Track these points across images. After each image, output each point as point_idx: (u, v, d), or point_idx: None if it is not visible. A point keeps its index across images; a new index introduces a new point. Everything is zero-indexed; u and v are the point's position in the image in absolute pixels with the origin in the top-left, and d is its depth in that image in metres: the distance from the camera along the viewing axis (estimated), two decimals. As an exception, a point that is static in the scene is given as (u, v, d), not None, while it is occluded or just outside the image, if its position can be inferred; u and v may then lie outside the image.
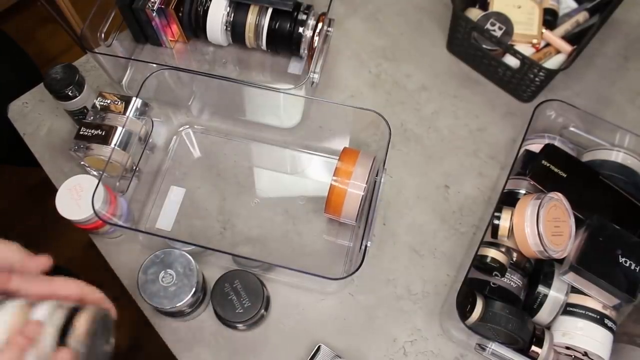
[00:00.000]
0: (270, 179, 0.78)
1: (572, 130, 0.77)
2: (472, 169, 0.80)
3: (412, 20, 0.92)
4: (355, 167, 0.66)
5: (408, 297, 0.71)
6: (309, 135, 0.80)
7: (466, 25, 0.80)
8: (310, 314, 0.70)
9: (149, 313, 0.69)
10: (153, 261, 0.63)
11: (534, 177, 0.70)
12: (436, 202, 0.77)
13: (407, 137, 0.82)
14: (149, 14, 0.79)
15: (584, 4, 0.85)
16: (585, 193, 0.70)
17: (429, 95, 0.85)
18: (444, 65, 0.88)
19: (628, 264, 0.63)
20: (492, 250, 0.65)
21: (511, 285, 0.66)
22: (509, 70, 0.81)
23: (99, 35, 0.79)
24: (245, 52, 0.86)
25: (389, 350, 0.68)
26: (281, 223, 0.74)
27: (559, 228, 0.65)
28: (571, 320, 0.65)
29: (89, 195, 0.63)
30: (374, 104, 0.84)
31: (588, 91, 0.86)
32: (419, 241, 0.75)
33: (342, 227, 0.74)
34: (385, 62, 0.88)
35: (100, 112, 0.72)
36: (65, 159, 0.78)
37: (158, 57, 0.85)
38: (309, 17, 0.78)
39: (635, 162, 0.73)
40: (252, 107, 0.79)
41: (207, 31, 0.80)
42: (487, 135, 0.82)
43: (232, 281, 0.64)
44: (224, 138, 0.80)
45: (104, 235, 0.72)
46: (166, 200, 0.75)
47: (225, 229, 0.74)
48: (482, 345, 0.62)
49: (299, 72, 0.84)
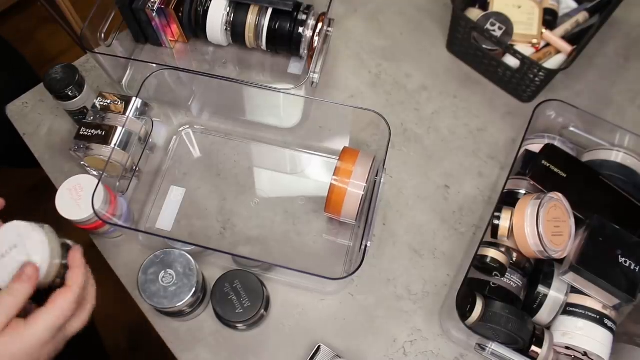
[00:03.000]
0: (270, 179, 0.78)
1: (572, 130, 0.77)
2: (472, 169, 0.80)
3: (412, 20, 0.92)
4: (355, 166, 0.66)
5: (408, 297, 0.71)
6: (309, 135, 0.80)
7: (466, 25, 0.80)
8: (310, 314, 0.70)
9: (149, 313, 0.69)
10: (153, 261, 0.63)
11: (534, 177, 0.70)
12: (436, 202, 0.77)
13: (407, 137, 0.82)
14: (149, 14, 0.79)
15: (584, 4, 0.85)
16: (585, 193, 0.70)
17: (429, 95, 0.85)
18: (444, 65, 0.88)
19: (628, 264, 0.63)
20: (492, 250, 0.65)
21: (511, 285, 0.66)
22: (509, 70, 0.81)
23: (99, 35, 0.79)
24: (245, 52, 0.86)
25: (389, 350, 0.68)
26: (281, 223, 0.74)
27: (559, 228, 0.65)
28: (571, 320, 0.65)
29: (89, 195, 0.63)
30: (374, 104, 0.84)
31: (588, 91, 0.86)
32: (419, 241, 0.75)
33: (342, 227, 0.74)
34: (385, 62, 0.88)
35: (100, 112, 0.72)
36: (65, 159, 0.78)
37: (158, 57, 0.85)
38: (309, 17, 0.78)
39: (635, 162, 0.73)
40: (252, 107, 0.79)
41: (207, 31, 0.80)
42: (487, 135, 0.82)
43: (232, 281, 0.64)
44: (224, 138, 0.80)
45: (104, 235, 0.72)
46: (166, 200, 0.75)
47: (225, 229, 0.74)
48: (482, 345, 0.62)
49: (299, 72, 0.84)
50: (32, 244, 0.49)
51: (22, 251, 0.49)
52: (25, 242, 0.49)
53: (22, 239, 0.49)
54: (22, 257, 0.49)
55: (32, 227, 0.50)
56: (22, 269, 0.48)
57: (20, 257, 0.49)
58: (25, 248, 0.49)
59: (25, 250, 0.49)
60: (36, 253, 0.49)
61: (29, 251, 0.49)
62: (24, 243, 0.49)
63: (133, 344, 1.31)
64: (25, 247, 0.49)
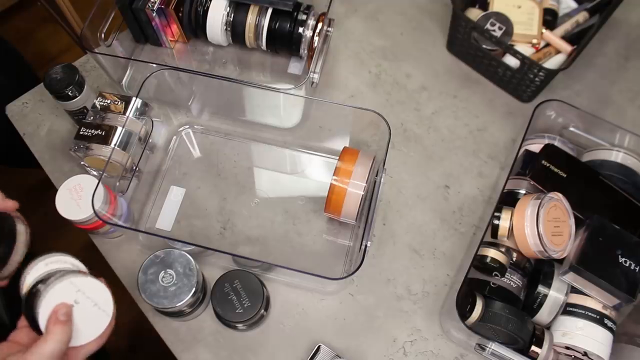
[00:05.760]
0: (270, 179, 0.78)
1: (572, 130, 0.77)
2: (472, 169, 0.80)
3: (412, 20, 0.92)
4: (355, 166, 0.66)
5: (408, 297, 0.71)
6: (309, 135, 0.80)
7: (466, 25, 0.80)
8: (310, 314, 0.70)
9: (149, 313, 0.69)
10: (153, 261, 0.63)
11: (534, 177, 0.70)
12: (436, 202, 0.77)
13: (407, 137, 0.82)
14: (149, 14, 0.79)
15: (584, 4, 0.85)
16: (585, 193, 0.70)
17: (429, 95, 0.85)
18: (444, 65, 0.88)
19: (628, 264, 0.63)
20: (492, 250, 0.65)
21: (511, 285, 0.66)
22: (509, 70, 0.81)
23: (99, 35, 0.79)
24: (245, 52, 0.86)
25: (389, 350, 0.68)
26: (281, 223, 0.74)
27: (559, 228, 0.65)
28: (571, 320, 0.65)
29: (89, 195, 0.63)
30: (374, 104, 0.84)
31: (588, 91, 0.86)
32: (419, 241, 0.75)
33: (342, 227, 0.74)
34: (385, 62, 0.88)
35: (100, 112, 0.72)
36: (65, 159, 0.78)
37: (158, 57, 0.85)
38: (309, 17, 0.78)
39: (635, 162, 0.73)
40: (252, 107, 0.79)
41: (207, 31, 0.80)
42: (487, 135, 0.82)
43: (232, 281, 0.64)
44: (224, 138, 0.80)
45: (104, 235, 0.72)
46: (166, 200, 0.75)
47: (225, 229, 0.74)
48: (482, 345, 0.62)
49: (299, 72, 0.84)
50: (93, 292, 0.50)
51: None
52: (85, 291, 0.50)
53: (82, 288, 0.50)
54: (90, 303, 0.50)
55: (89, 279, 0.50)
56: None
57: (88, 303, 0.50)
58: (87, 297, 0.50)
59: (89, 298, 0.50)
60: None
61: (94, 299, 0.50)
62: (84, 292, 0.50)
63: (133, 344, 1.31)
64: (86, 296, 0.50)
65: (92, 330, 0.49)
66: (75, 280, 0.49)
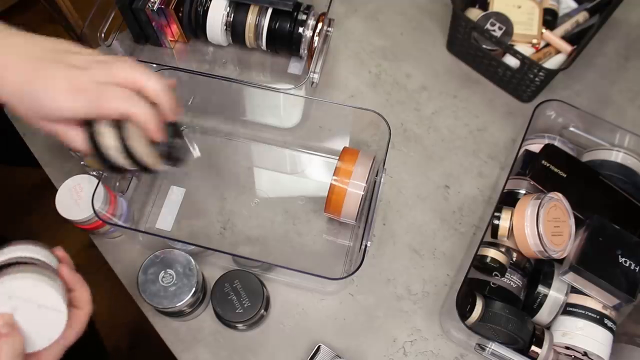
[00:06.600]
0: (270, 179, 0.78)
1: (572, 130, 0.77)
2: (472, 169, 0.80)
3: (412, 20, 0.92)
4: (355, 166, 0.66)
5: (408, 297, 0.71)
6: (309, 135, 0.80)
7: (466, 25, 0.80)
8: (310, 314, 0.70)
9: (149, 313, 0.69)
10: (153, 261, 0.63)
11: (534, 177, 0.70)
12: (436, 202, 0.77)
13: (407, 137, 0.82)
14: (149, 14, 0.79)
15: (584, 4, 0.85)
16: (585, 193, 0.70)
17: (429, 95, 0.85)
18: (444, 65, 0.88)
19: (628, 264, 0.64)
20: (492, 250, 0.65)
21: (511, 285, 0.66)
22: (509, 70, 0.81)
23: (99, 35, 0.79)
24: (245, 52, 0.86)
25: (389, 350, 0.68)
26: (281, 223, 0.74)
27: (559, 228, 0.65)
28: (571, 320, 0.65)
29: (89, 195, 0.63)
30: (374, 104, 0.84)
31: (588, 91, 0.86)
32: (419, 241, 0.75)
33: (342, 227, 0.74)
34: (385, 62, 0.88)
35: (100, 112, 0.72)
36: (65, 159, 0.78)
37: (158, 57, 0.85)
38: (309, 17, 0.78)
39: (635, 162, 0.73)
40: (252, 107, 0.79)
41: (207, 31, 0.80)
42: (487, 135, 0.82)
43: (232, 281, 0.64)
44: (224, 138, 0.80)
45: (104, 235, 0.72)
46: (166, 200, 0.75)
47: (225, 229, 0.74)
48: (482, 345, 0.62)
49: (299, 72, 0.84)
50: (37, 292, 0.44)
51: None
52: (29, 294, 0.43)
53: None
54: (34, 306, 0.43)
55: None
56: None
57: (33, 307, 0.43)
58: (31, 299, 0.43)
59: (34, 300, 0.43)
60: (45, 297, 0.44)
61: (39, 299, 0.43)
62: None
63: (133, 344, 1.31)
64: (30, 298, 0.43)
65: (49, 332, 0.44)
66: (2, 286, 0.42)
